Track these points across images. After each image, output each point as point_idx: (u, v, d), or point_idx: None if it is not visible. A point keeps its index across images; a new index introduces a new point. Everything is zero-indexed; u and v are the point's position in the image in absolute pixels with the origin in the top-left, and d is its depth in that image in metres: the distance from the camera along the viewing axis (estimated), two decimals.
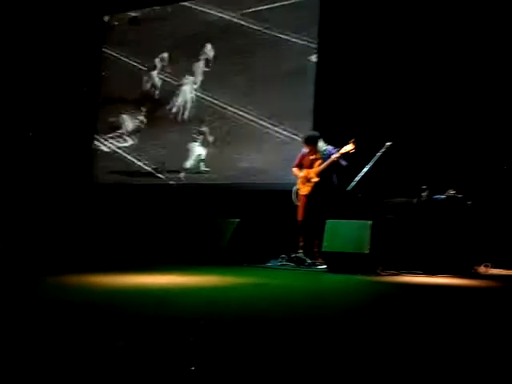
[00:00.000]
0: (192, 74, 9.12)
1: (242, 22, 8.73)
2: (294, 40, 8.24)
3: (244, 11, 8.75)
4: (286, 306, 3.56)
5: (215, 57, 8.95)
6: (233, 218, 7.04)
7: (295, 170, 7.05)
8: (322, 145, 6.83)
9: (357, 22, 7.62)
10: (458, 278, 5.62)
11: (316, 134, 6.98)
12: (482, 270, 6.10)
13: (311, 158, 6.86)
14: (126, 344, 2.16)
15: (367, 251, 5.73)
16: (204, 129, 8.89)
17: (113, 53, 9.93)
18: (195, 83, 9.07)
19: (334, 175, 6.76)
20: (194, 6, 9.27)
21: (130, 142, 9.59)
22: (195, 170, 8.91)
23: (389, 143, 6.54)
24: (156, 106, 9.45)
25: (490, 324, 3.04)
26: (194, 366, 1.78)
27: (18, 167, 9.54)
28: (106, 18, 10.10)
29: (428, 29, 7.21)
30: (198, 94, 9.01)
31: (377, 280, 5.38)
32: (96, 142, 9.88)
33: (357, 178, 6.43)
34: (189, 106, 9.09)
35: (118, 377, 1.73)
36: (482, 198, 6.48)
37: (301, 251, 6.68)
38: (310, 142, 6.85)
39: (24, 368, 1.78)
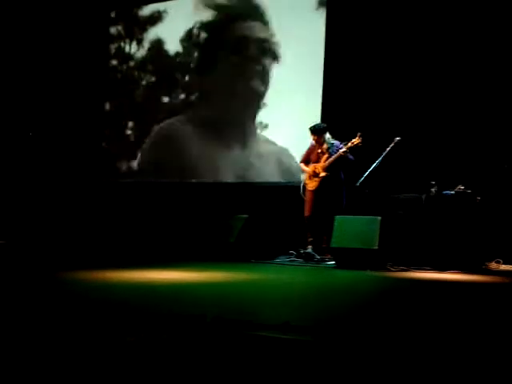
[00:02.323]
0: None
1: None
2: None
3: None
4: (294, 302, 3.54)
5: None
6: (241, 214, 7.02)
7: (302, 165, 7.02)
8: (329, 137, 6.80)
9: (365, 15, 7.57)
10: (468, 273, 5.58)
11: (323, 124, 6.96)
12: (492, 265, 6.06)
13: (318, 151, 6.82)
14: (136, 339, 2.14)
15: (376, 247, 5.70)
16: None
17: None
18: None
19: (340, 171, 6.73)
20: None
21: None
22: None
23: (398, 138, 6.50)
24: None
25: (501, 320, 3.00)
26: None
27: (29, 166, 9.55)
28: (113, 14, 10.05)
29: (438, 23, 7.16)
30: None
31: (386, 276, 5.35)
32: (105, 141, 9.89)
33: (366, 174, 6.40)
34: None
35: (127, 371, 1.71)
36: (492, 193, 6.44)
37: (309, 247, 6.65)
38: (317, 132, 6.80)
39: (37, 362, 1.77)
